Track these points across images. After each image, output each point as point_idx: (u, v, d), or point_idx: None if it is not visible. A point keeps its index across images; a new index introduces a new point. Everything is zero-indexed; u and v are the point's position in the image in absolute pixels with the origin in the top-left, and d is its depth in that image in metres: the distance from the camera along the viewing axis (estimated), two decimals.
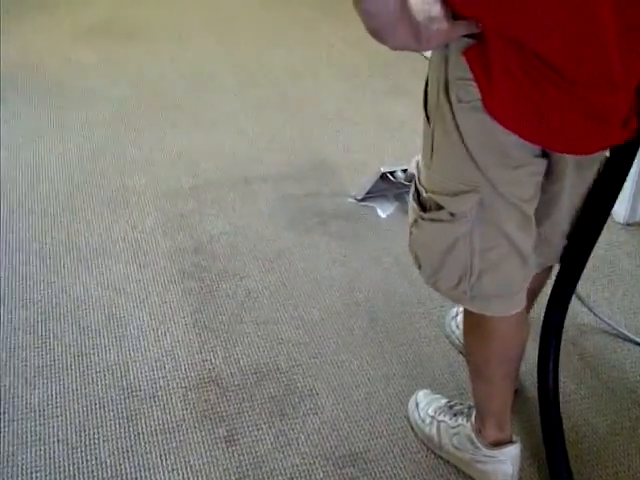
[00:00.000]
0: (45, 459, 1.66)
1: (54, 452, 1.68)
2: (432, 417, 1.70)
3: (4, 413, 1.77)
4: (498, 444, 1.56)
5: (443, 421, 1.67)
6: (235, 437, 1.73)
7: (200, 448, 1.70)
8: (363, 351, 1.98)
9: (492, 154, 1.20)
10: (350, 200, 2.52)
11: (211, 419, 1.78)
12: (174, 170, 2.73)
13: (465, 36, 1.10)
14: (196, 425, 1.76)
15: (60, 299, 2.11)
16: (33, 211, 2.47)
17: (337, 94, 3.34)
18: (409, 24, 1.06)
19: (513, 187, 1.24)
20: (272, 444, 1.72)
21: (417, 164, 1.36)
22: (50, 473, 1.63)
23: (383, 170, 2.49)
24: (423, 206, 1.33)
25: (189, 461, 1.67)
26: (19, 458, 1.66)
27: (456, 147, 1.21)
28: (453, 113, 1.18)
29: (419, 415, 1.74)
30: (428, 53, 1.22)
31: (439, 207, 1.28)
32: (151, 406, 1.80)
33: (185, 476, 1.64)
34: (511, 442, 1.57)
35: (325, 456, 1.70)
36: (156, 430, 1.74)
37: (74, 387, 1.84)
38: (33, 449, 1.69)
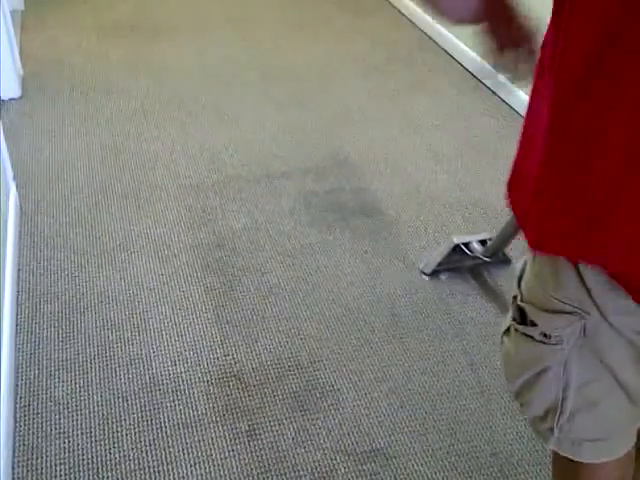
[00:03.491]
0: (69, 451, 1.68)
1: (78, 444, 1.70)
2: None
3: (28, 406, 1.79)
4: None
5: None
6: (257, 432, 1.74)
7: (222, 442, 1.71)
8: (384, 347, 1.98)
9: (600, 274, 0.90)
10: (418, 274, 2.22)
11: (233, 414, 1.78)
12: (197, 165, 2.75)
13: None
14: (218, 419, 1.77)
15: (84, 293, 2.13)
16: (56, 205, 2.49)
17: (359, 90, 3.34)
18: None
19: (627, 318, 0.94)
20: (293, 439, 1.73)
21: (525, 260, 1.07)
22: (74, 465, 1.65)
23: (457, 241, 2.20)
24: (521, 316, 1.05)
25: (211, 455, 1.68)
26: (43, 450, 1.68)
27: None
28: None
29: None
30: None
31: (532, 323, 1.01)
32: (173, 400, 1.81)
33: (207, 470, 1.65)
34: None
35: (346, 452, 1.70)
36: (178, 424, 1.75)
37: (97, 380, 1.86)
38: (57, 441, 1.70)
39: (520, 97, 3.12)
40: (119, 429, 1.74)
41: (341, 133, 2.99)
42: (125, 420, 1.76)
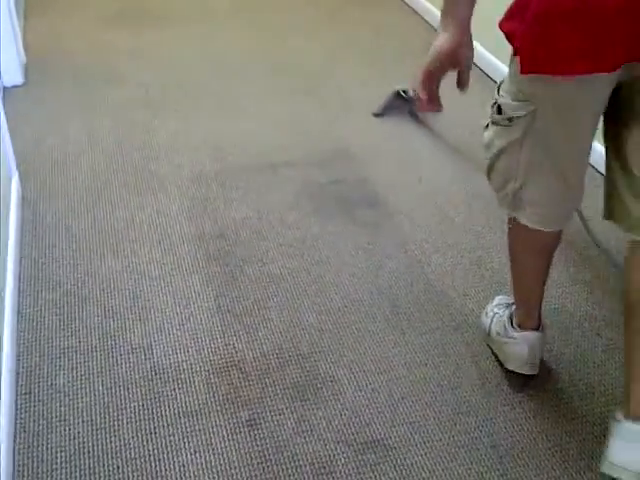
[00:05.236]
0: (70, 439, 1.69)
1: (79, 432, 1.70)
2: (492, 310, 1.95)
3: (30, 393, 1.79)
4: (524, 328, 1.79)
5: (497, 313, 1.92)
6: (257, 421, 1.74)
7: (222, 431, 1.72)
8: (385, 338, 1.98)
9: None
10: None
11: (233, 403, 1.79)
12: (199, 155, 2.74)
13: None
14: (218, 408, 1.77)
15: (85, 282, 2.13)
16: (59, 194, 2.49)
17: (363, 81, 3.33)
18: None
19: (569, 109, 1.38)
20: (294, 429, 1.73)
21: (502, 81, 1.52)
22: (75, 453, 1.65)
23: (397, 88, 2.95)
24: (497, 110, 1.50)
25: (211, 444, 1.69)
26: (45, 438, 1.69)
27: None
28: None
29: (486, 310, 1.99)
30: None
31: (501, 111, 1.47)
32: (174, 389, 1.82)
33: (207, 458, 1.65)
34: (533, 329, 1.78)
35: (346, 442, 1.70)
36: (179, 412, 1.76)
37: (98, 369, 1.86)
38: (58, 429, 1.71)
39: None
40: (120, 417, 1.74)
41: (344, 124, 2.98)
42: (126, 408, 1.76)
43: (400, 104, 2.97)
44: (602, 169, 1.56)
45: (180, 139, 2.84)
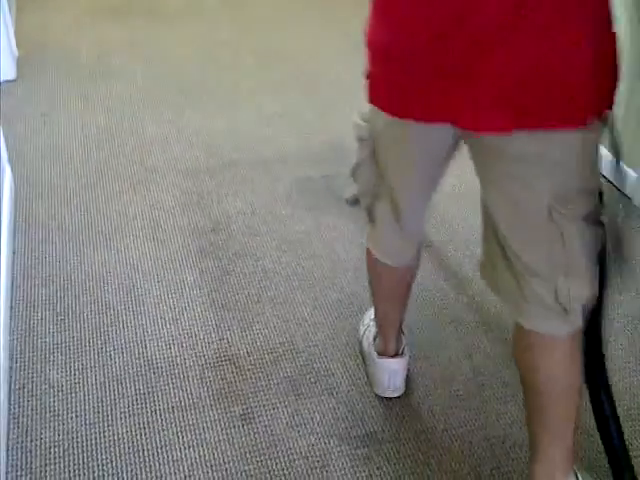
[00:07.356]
0: (63, 434, 1.68)
1: (72, 427, 1.70)
2: (369, 317, 1.90)
3: (23, 388, 1.79)
4: (383, 355, 1.77)
5: (369, 325, 1.87)
6: (251, 416, 1.74)
7: (216, 426, 1.72)
8: None
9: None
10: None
11: (227, 397, 1.79)
12: (192, 149, 2.74)
13: None
14: (212, 403, 1.77)
15: (79, 276, 2.12)
16: (52, 189, 2.48)
17: (355, 74, 3.31)
18: None
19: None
20: (287, 423, 1.73)
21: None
22: (68, 448, 1.65)
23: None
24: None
25: (205, 438, 1.69)
26: (38, 433, 1.69)
27: None
28: None
29: (364, 316, 1.95)
30: None
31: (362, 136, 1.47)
32: (168, 383, 1.82)
33: (201, 453, 1.65)
34: (392, 356, 1.76)
35: (340, 436, 1.71)
36: (173, 407, 1.76)
37: (92, 363, 1.86)
38: (51, 424, 1.71)
39: None
40: (113, 412, 1.74)
41: (338, 118, 2.97)
42: (119, 403, 1.76)
43: None
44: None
45: (173, 133, 2.83)
